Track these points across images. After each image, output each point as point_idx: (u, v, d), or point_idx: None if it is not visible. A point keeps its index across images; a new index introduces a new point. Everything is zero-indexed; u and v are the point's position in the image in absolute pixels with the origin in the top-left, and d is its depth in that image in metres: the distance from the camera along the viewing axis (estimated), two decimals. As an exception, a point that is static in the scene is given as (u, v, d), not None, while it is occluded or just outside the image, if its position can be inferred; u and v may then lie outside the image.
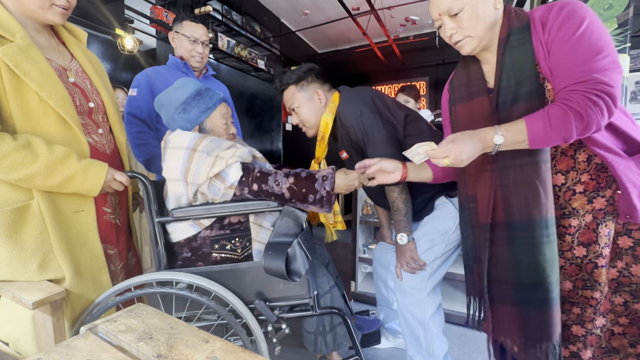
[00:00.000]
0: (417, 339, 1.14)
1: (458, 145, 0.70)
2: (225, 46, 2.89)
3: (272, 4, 3.57)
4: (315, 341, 1.06)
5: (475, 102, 0.83)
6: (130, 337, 0.56)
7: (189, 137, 0.90)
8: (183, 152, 0.88)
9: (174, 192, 0.92)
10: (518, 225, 0.76)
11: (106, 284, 0.90)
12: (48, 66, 0.80)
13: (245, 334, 0.87)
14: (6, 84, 0.73)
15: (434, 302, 1.12)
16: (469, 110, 0.85)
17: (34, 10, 0.80)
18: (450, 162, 0.71)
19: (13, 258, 0.77)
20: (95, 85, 0.95)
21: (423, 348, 1.13)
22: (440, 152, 0.72)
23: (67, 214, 0.83)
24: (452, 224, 1.11)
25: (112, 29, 2.12)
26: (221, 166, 0.87)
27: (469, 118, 0.85)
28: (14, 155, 0.72)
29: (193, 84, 0.99)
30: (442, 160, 0.72)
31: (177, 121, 0.96)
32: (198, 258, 0.96)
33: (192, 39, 1.48)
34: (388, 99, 1.17)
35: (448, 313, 1.75)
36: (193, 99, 0.97)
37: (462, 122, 0.87)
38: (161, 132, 1.48)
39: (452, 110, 0.91)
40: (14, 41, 0.75)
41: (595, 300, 0.76)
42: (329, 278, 1.09)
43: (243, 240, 0.96)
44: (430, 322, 1.11)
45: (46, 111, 0.78)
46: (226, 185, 0.89)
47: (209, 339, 0.57)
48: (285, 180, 0.89)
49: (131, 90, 1.42)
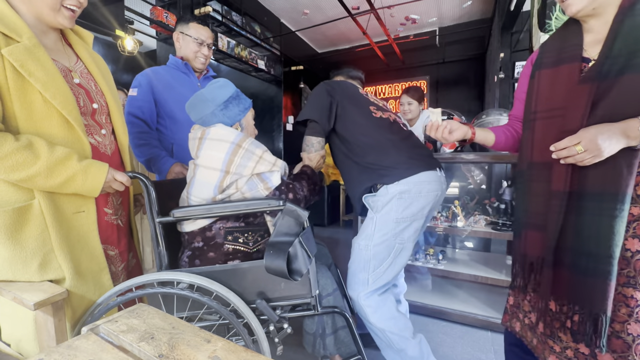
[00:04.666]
0: (378, 338, 1.15)
1: (597, 138, 0.68)
2: (225, 47, 2.89)
3: (272, 4, 3.57)
4: (314, 343, 1.05)
5: (563, 68, 0.80)
6: (132, 337, 0.56)
7: (234, 133, 0.97)
8: (228, 145, 0.94)
9: (206, 179, 0.95)
10: (592, 196, 0.73)
11: (107, 284, 0.90)
12: (53, 67, 0.80)
13: (247, 333, 0.86)
14: (10, 84, 0.74)
15: (370, 301, 1.11)
16: (552, 77, 0.82)
17: (45, 13, 0.82)
18: (581, 154, 0.70)
19: (14, 258, 0.77)
20: (100, 87, 0.96)
21: (387, 345, 1.14)
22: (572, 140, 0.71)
23: (68, 215, 0.83)
24: (372, 224, 1.13)
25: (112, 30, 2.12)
26: (266, 167, 0.97)
27: (551, 85, 0.82)
28: (16, 155, 0.72)
29: (232, 86, 1.08)
30: (575, 148, 0.71)
31: (218, 117, 1.03)
32: (210, 248, 0.98)
33: (199, 41, 1.49)
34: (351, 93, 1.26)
35: (450, 312, 1.75)
36: (234, 99, 1.05)
37: (543, 88, 0.84)
38: (162, 132, 1.48)
39: (534, 76, 0.88)
40: (21, 42, 0.76)
41: (634, 300, 0.71)
42: (332, 280, 1.09)
43: (255, 235, 1.00)
44: (375, 321, 1.11)
45: (49, 111, 0.79)
46: (266, 186, 0.97)
47: (210, 338, 0.56)
48: (302, 185, 1.07)
49: (131, 90, 1.42)
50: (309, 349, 1.06)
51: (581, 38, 0.80)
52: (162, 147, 1.42)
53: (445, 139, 0.97)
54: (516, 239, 0.92)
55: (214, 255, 0.97)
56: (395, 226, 1.10)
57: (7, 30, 0.74)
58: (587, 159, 0.70)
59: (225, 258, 0.97)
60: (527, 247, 0.87)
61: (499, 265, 1.91)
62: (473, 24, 3.68)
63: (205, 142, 0.97)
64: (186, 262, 0.99)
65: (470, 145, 1.84)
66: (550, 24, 1.59)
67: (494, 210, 1.92)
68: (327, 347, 1.05)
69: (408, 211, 1.10)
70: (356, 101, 1.24)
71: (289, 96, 4.19)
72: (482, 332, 1.65)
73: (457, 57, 3.86)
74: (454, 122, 0.97)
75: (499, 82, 3.05)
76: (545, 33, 1.60)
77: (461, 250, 2.30)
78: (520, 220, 0.90)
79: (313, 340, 1.06)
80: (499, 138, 0.99)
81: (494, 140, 1.00)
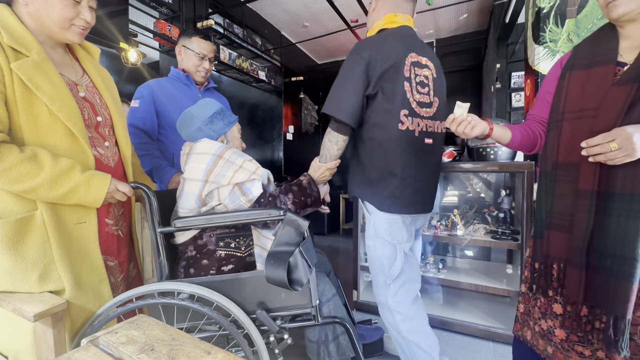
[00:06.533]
0: (401, 348, 1.14)
1: (632, 136, 0.68)
2: (226, 58, 2.94)
3: (273, 17, 3.65)
4: (319, 351, 1.04)
5: (597, 70, 0.81)
6: (132, 349, 0.56)
7: (216, 146, 1.00)
8: (209, 157, 0.97)
9: (190, 190, 0.98)
10: (621, 197, 0.73)
11: (107, 296, 0.89)
12: (60, 81, 0.82)
13: (247, 344, 0.86)
14: (18, 97, 0.75)
15: (401, 309, 1.10)
16: (584, 79, 0.83)
17: (55, 31, 0.84)
18: (613, 152, 0.70)
19: (14, 269, 0.77)
20: (105, 100, 0.98)
21: (407, 355, 1.12)
22: (607, 137, 0.71)
23: (69, 226, 0.83)
24: (371, 226, 1.13)
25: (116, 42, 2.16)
26: (245, 176, 0.97)
27: (582, 87, 0.82)
28: (20, 167, 0.73)
29: (216, 103, 1.14)
30: (609, 145, 0.71)
31: (204, 131, 1.08)
32: (203, 256, 0.98)
33: (201, 55, 1.52)
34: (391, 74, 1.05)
35: (451, 322, 1.73)
36: (219, 114, 1.11)
37: (573, 89, 0.85)
38: (163, 143, 1.50)
39: (565, 76, 0.88)
40: (30, 56, 0.78)
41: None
42: (330, 286, 1.09)
43: (247, 240, 1.01)
44: (403, 330, 1.09)
45: (55, 124, 0.80)
46: (247, 198, 0.98)
47: (210, 350, 0.56)
48: (287, 198, 1.03)
49: (133, 101, 1.45)
50: (314, 357, 1.05)
51: (617, 43, 0.81)
52: (163, 157, 1.43)
53: (467, 135, 0.93)
54: (538, 240, 0.90)
55: (207, 263, 0.98)
56: (389, 226, 1.11)
57: (17, 45, 0.77)
58: (619, 157, 0.70)
59: (219, 264, 0.98)
60: (551, 248, 0.85)
61: (499, 274, 1.90)
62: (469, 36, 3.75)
63: (191, 156, 1.00)
64: (182, 272, 1.00)
65: (468, 154, 1.85)
66: (545, 37, 1.63)
67: (493, 219, 1.92)
68: (331, 354, 1.04)
69: (397, 214, 1.11)
70: (392, 98, 1.04)
71: (289, 106, 4.24)
72: (484, 342, 1.63)
73: (454, 68, 3.93)
74: (474, 116, 0.93)
75: (496, 92, 3.09)
76: (540, 45, 1.64)
77: (461, 259, 2.29)
78: (543, 221, 0.88)
79: (317, 349, 1.05)
80: (515, 136, 0.99)
81: (510, 138, 0.99)
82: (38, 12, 0.81)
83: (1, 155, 0.71)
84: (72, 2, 0.83)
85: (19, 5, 0.81)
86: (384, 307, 1.14)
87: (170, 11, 2.52)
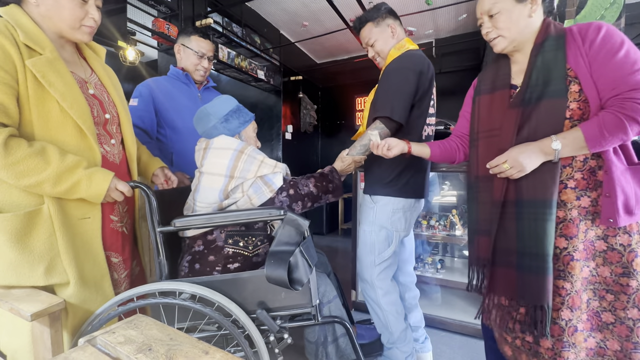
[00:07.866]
0: (377, 316, 1.32)
1: (518, 157, 0.82)
2: (225, 57, 2.93)
3: (272, 16, 3.64)
4: (317, 352, 1.04)
5: (497, 94, 0.94)
6: (129, 349, 0.56)
7: (236, 142, 1.03)
8: (231, 152, 0.99)
9: (211, 185, 0.99)
10: (527, 203, 0.85)
11: (108, 291, 0.90)
12: (71, 78, 0.84)
13: (247, 345, 0.86)
14: (30, 93, 0.77)
15: (383, 285, 1.28)
16: (490, 101, 0.96)
17: (66, 31, 0.87)
18: (509, 170, 0.84)
19: (21, 261, 0.77)
20: (112, 98, 1.00)
21: (383, 324, 1.31)
22: (500, 159, 0.85)
23: (74, 220, 0.85)
24: (372, 213, 1.28)
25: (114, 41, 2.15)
26: (268, 170, 1.02)
27: (489, 109, 0.96)
28: (27, 161, 0.74)
29: (233, 101, 1.14)
30: (503, 165, 0.85)
31: (219, 129, 1.07)
32: (210, 252, 0.99)
33: (200, 54, 1.51)
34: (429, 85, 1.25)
35: (448, 322, 1.74)
36: (235, 112, 1.10)
37: (483, 112, 0.98)
38: (162, 142, 1.49)
39: (475, 101, 1.02)
40: (43, 54, 0.80)
41: (564, 290, 0.83)
42: (332, 287, 1.09)
43: (255, 239, 1.02)
44: (383, 302, 1.28)
45: (65, 120, 0.82)
46: (270, 189, 1.02)
47: (208, 350, 0.56)
48: (308, 181, 1.10)
49: (132, 100, 1.44)
50: (312, 358, 1.05)
51: (509, 68, 0.95)
52: (162, 157, 1.43)
53: (386, 155, 1.09)
54: (470, 244, 1.03)
55: (214, 259, 0.98)
56: (391, 215, 1.25)
57: (31, 43, 0.78)
58: (514, 173, 0.84)
59: (225, 261, 0.98)
60: (480, 251, 0.98)
61: (498, 274, 1.90)
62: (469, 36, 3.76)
63: (209, 151, 1.02)
64: (186, 266, 0.99)
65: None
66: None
67: (492, 219, 1.92)
68: (330, 356, 1.04)
69: (402, 204, 1.27)
70: (425, 110, 1.25)
71: (288, 106, 4.23)
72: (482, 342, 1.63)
73: (453, 68, 3.93)
74: (391, 139, 1.09)
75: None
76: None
77: (460, 259, 2.30)
78: (473, 227, 1.01)
79: (316, 349, 1.05)
80: (434, 152, 1.12)
81: (430, 154, 1.13)
82: (49, 13, 0.83)
83: (10, 149, 0.72)
84: (80, 2, 0.85)
85: (30, 5, 0.83)
86: (366, 284, 1.31)
87: (168, 10, 2.51)
